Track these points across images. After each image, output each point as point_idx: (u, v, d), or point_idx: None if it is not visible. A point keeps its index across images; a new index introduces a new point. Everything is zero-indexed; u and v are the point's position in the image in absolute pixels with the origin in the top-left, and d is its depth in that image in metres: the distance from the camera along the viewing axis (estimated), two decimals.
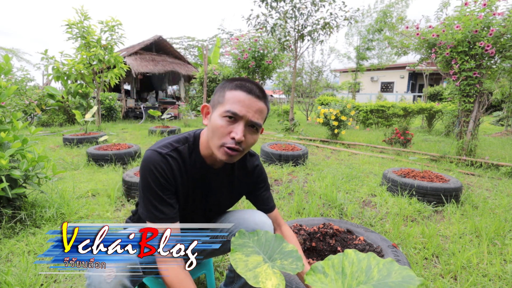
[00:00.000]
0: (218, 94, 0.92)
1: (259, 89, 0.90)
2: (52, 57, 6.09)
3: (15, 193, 1.97)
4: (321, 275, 0.76)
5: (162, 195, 0.91)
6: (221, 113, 0.87)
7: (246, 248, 0.86)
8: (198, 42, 19.70)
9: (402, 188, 2.70)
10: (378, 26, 11.46)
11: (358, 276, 0.72)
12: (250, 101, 0.87)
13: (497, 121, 10.81)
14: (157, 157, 0.91)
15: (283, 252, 0.88)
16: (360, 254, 0.77)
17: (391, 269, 0.70)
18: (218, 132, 0.87)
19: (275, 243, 0.90)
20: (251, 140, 0.91)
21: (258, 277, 0.76)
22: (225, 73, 8.66)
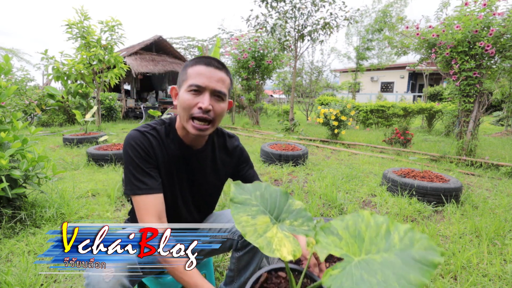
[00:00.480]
0: (181, 74, 0.97)
1: (217, 61, 0.96)
2: (52, 57, 6.09)
3: (15, 193, 1.97)
4: (335, 238, 0.67)
5: (143, 167, 0.94)
6: (186, 88, 0.93)
7: (249, 206, 0.76)
8: (198, 42, 19.69)
9: (402, 188, 2.70)
10: (378, 26, 11.46)
11: (377, 242, 0.64)
12: (211, 72, 0.93)
13: (497, 121, 10.81)
14: (137, 134, 0.97)
15: (291, 211, 0.79)
16: (378, 217, 0.68)
17: (413, 238, 0.61)
18: (185, 105, 0.92)
19: (281, 199, 0.81)
20: (218, 108, 0.95)
21: (271, 244, 0.68)
22: None
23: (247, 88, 8.39)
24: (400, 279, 0.55)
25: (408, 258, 0.58)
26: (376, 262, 0.60)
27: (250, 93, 8.26)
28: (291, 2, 7.02)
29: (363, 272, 0.59)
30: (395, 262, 0.58)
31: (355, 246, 0.66)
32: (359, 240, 0.66)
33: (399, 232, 0.64)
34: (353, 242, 0.66)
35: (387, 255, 0.61)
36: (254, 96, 8.34)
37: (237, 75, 8.43)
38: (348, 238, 0.67)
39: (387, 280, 0.56)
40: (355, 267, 0.61)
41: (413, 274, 0.55)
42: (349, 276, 0.59)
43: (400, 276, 0.55)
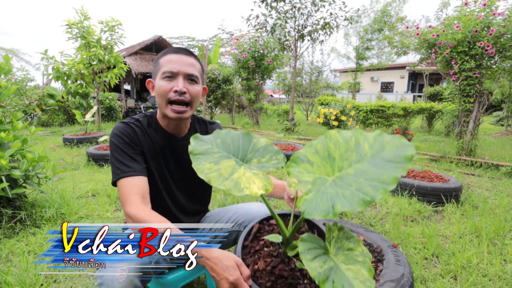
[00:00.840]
0: (155, 66, 1.04)
1: (185, 49, 1.03)
2: (52, 57, 6.09)
3: (15, 193, 1.97)
4: (306, 165, 0.66)
5: (127, 152, 0.98)
6: (160, 77, 0.99)
7: (211, 155, 0.73)
8: (198, 42, 19.69)
9: (402, 188, 2.70)
10: (378, 26, 11.45)
11: (348, 157, 0.62)
12: (180, 58, 0.99)
13: (497, 121, 10.81)
14: (121, 125, 1.03)
15: (257, 150, 0.77)
16: (345, 133, 0.66)
17: (383, 142, 0.60)
18: (162, 91, 0.98)
19: (244, 141, 0.78)
20: (193, 90, 1.00)
21: (239, 184, 0.65)
22: (225, 73, 8.66)
23: (247, 88, 8.39)
24: (373, 182, 0.54)
25: (379, 161, 0.57)
26: (350, 175, 0.59)
27: (250, 93, 8.26)
28: (291, 2, 7.02)
29: (338, 188, 0.58)
30: (368, 169, 0.58)
31: (327, 167, 0.64)
32: (330, 160, 0.65)
33: (369, 140, 0.62)
34: (325, 164, 0.65)
35: (359, 166, 0.60)
36: (254, 96, 8.34)
37: (237, 75, 8.44)
38: (320, 162, 0.65)
39: (361, 187, 0.55)
40: (329, 186, 0.60)
41: (386, 173, 0.54)
42: (324, 196, 0.58)
43: (373, 179, 0.55)
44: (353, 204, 0.53)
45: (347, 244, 0.67)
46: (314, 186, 0.61)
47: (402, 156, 0.55)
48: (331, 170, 0.64)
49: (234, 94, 9.42)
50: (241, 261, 0.75)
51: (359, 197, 0.54)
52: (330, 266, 0.61)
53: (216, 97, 8.66)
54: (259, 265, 0.76)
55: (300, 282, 0.75)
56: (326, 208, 0.55)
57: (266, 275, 0.76)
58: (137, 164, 0.97)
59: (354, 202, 0.54)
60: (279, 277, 0.75)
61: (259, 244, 0.84)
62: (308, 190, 0.61)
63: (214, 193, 2.77)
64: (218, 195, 2.70)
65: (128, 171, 0.94)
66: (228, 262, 0.73)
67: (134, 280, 0.79)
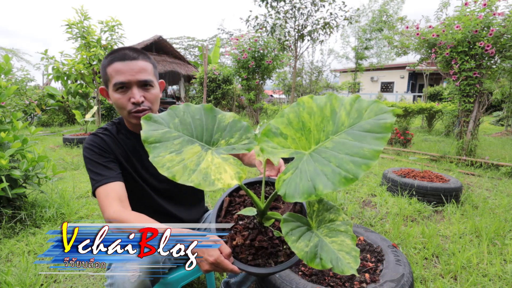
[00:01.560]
0: (103, 74, 0.98)
1: (132, 50, 0.96)
2: (52, 57, 6.09)
3: (15, 193, 1.97)
4: (280, 139, 0.60)
5: (99, 161, 0.97)
6: (112, 89, 0.95)
7: (170, 141, 0.61)
8: (198, 42, 19.69)
9: (402, 188, 2.70)
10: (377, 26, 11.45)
11: (324, 127, 0.58)
12: (128, 65, 0.93)
13: (497, 121, 10.80)
14: (90, 137, 1.02)
15: (224, 128, 0.67)
16: (319, 99, 0.61)
17: (360, 108, 0.55)
18: (119, 104, 0.95)
19: (207, 118, 0.67)
20: (151, 96, 0.97)
21: (209, 175, 0.57)
22: (225, 73, 8.65)
23: (247, 88, 8.38)
24: (354, 157, 0.51)
25: (359, 132, 0.54)
26: (328, 149, 0.55)
27: (250, 93, 8.26)
28: (291, 2, 7.02)
29: (317, 164, 0.54)
30: (347, 142, 0.54)
31: (302, 140, 0.59)
32: (305, 132, 0.60)
33: (346, 107, 0.57)
34: (299, 137, 0.60)
35: (337, 138, 0.56)
36: (254, 96, 8.34)
37: (237, 75, 8.43)
38: (294, 134, 0.60)
39: (341, 164, 0.52)
40: (307, 163, 0.55)
41: (366, 146, 0.51)
42: (303, 175, 0.54)
43: (354, 153, 0.52)
44: (335, 183, 0.50)
45: (328, 216, 0.66)
46: (291, 164, 0.57)
47: (381, 125, 0.52)
48: (307, 143, 0.59)
49: (234, 94, 9.42)
50: (221, 240, 0.72)
51: (341, 175, 0.51)
52: (315, 242, 0.60)
53: (216, 97, 8.66)
54: (237, 240, 0.75)
55: (280, 249, 0.75)
56: (307, 189, 0.52)
57: (246, 249, 0.75)
58: (110, 171, 0.96)
59: (336, 181, 0.50)
60: (259, 248, 0.75)
61: (233, 219, 0.82)
62: (285, 169, 0.57)
63: (214, 192, 2.77)
64: (218, 195, 2.70)
65: (102, 179, 0.94)
66: (205, 243, 0.72)
67: (145, 280, 0.79)
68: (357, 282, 1.04)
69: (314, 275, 1.10)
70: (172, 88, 15.47)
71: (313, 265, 0.56)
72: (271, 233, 0.79)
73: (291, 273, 1.06)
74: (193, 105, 0.68)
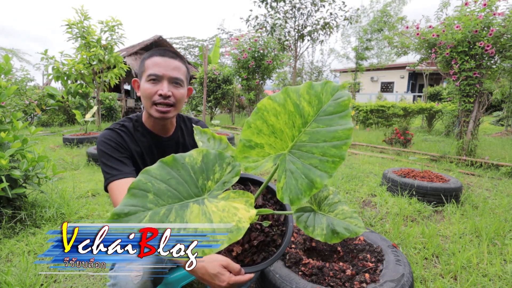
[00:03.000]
0: (140, 66, 1.04)
1: (172, 51, 1.03)
2: (52, 57, 6.09)
3: (15, 193, 1.97)
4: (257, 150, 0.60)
5: (115, 156, 0.98)
6: (145, 79, 0.99)
7: (167, 221, 0.55)
8: (198, 42, 19.69)
9: (402, 188, 2.70)
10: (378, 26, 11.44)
11: (293, 122, 0.60)
12: (166, 61, 0.99)
13: (497, 121, 10.80)
14: (107, 131, 1.04)
15: (200, 169, 0.59)
16: (277, 96, 0.61)
17: (317, 94, 0.58)
18: (147, 93, 0.99)
19: (178, 171, 0.58)
20: (178, 94, 1.01)
21: (229, 225, 0.53)
22: (225, 73, 8.66)
23: (247, 88, 8.38)
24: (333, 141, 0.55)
25: (325, 117, 0.57)
26: (305, 142, 0.59)
27: (250, 93, 8.26)
28: (291, 2, 7.02)
29: (302, 160, 0.58)
30: (319, 130, 0.58)
31: (278, 142, 0.61)
32: (278, 134, 0.61)
33: (304, 97, 0.60)
34: (275, 140, 0.61)
35: (309, 129, 0.59)
36: (254, 96, 8.34)
37: (237, 75, 8.43)
38: (268, 140, 0.60)
39: (325, 151, 0.56)
40: (292, 161, 0.58)
41: (339, 128, 0.55)
42: (296, 174, 0.57)
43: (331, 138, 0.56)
44: (327, 171, 0.55)
45: (322, 195, 0.75)
46: (279, 170, 0.59)
47: (341, 104, 0.56)
48: (284, 143, 0.60)
49: (234, 94, 9.42)
50: (227, 260, 0.71)
51: (328, 161, 0.55)
52: (327, 223, 0.68)
53: (216, 97, 8.66)
54: (236, 250, 0.79)
55: (273, 233, 0.82)
56: (306, 185, 0.55)
57: (247, 252, 0.79)
58: (126, 167, 0.97)
59: (327, 168, 0.55)
60: (259, 244, 0.79)
61: None
62: (278, 177, 0.59)
63: None
64: None
65: (117, 174, 0.94)
66: (213, 270, 0.68)
67: (148, 281, 0.79)
68: (357, 282, 1.04)
69: (314, 275, 1.10)
70: None
71: (334, 241, 0.65)
72: (259, 226, 0.82)
73: (291, 273, 1.06)
74: (152, 169, 0.57)
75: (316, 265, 1.14)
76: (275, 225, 0.84)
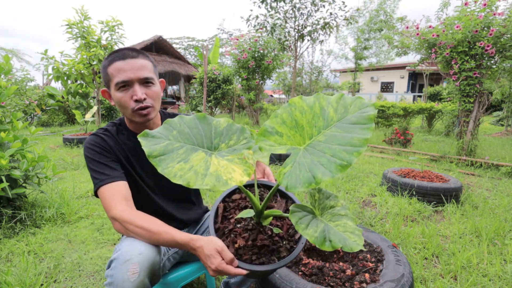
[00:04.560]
0: (104, 75, 1.00)
1: (131, 50, 0.98)
2: (52, 57, 6.09)
3: (15, 193, 1.97)
4: (276, 137, 0.65)
5: (101, 161, 0.97)
6: (114, 88, 0.96)
7: (175, 152, 0.64)
8: (198, 42, 19.68)
9: (402, 188, 2.70)
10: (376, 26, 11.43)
11: (315, 123, 0.64)
12: (129, 64, 0.94)
13: (497, 121, 10.80)
14: (91, 137, 1.02)
15: (221, 132, 0.71)
16: (308, 99, 0.67)
17: (345, 104, 0.62)
18: (122, 103, 0.96)
19: (203, 126, 0.72)
20: (152, 93, 0.98)
21: (220, 177, 0.61)
22: (225, 73, 8.66)
23: (247, 88, 8.38)
24: (346, 146, 0.57)
25: (347, 125, 0.60)
26: (321, 142, 0.61)
27: (250, 93, 8.26)
28: (291, 2, 7.02)
29: (313, 156, 0.60)
30: (337, 134, 0.60)
31: (297, 136, 0.65)
32: (299, 129, 0.65)
33: (332, 105, 0.65)
34: (294, 133, 0.65)
35: (328, 131, 0.62)
36: (254, 96, 8.34)
37: (237, 75, 8.43)
38: (289, 132, 0.66)
39: (335, 153, 0.58)
40: (303, 156, 0.61)
41: (356, 136, 0.58)
42: (302, 167, 0.59)
43: (346, 143, 0.58)
44: (332, 171, 0.56)
45: (328, 203, 0.73)
46: (289, 158, 0.62)
47: (366, 118, 0.59)
48: (302, 139, 0.64)
49: (234, 94, 9.41)
50: (222, 246, 0.74)
51: (336, 163, 0.57)
52: (322, 228, 0.65)
53: (216, 97, 8.66)
54: (239, 242, 0.78)
55: (280, 245, 0.79)
56: (307, 178, 0.57)
57: (248, 249, 0.78)
58: (114, 171, 0.96)
59: (333, 168, 0.56)
60: (261, 247, 0.78)
61: (230, 223, 0.84)
62: (285, 163, 0.62)
63: (214, 193, 2.77)
64: (218, 195, 2.70)
65: (105, 178, 0.93)
66: (208, 251, 0.73)
67: (145, 280, 0.78)
68: (357, 282, 1.04)
69: (314, 275, 1.10)
70: (172, 88, 15.47)
71: (324, 248, 0.61)
72: (270, 231, 0.81)
73: (291, 273, 1.06)
74: (186, 117, 0.73)
75: (316, 265, 1.14)
76: (286, 238, 0.82)
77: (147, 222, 0.84)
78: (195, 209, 1.25)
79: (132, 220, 0.84)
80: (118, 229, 0.87)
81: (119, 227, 0.86)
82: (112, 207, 0.87)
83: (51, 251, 1.75)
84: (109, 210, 0.88)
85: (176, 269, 1.16)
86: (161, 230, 0.81)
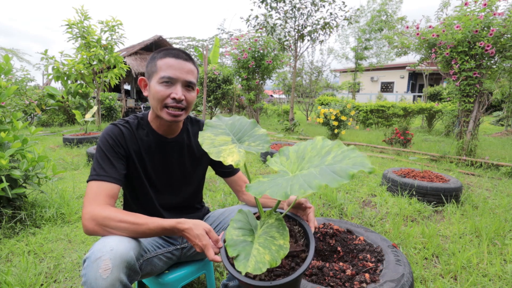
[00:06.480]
0: (151, 65, 1.00)
1: (184, 53, 1.01)
2: (52, 57, 6.09)
3: (15, 193, 1.97)
4: (283, 158, 0.76)
5: (108, 155, 0.97)
6: (157, 80, 0.97)
7: (217, 129, 0.87)
8: (198, 42, 19.68)
9: (402, 188, 2.70)
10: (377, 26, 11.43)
11: (313, 161, 0.70)
12: (180, 64, 0.98)
13: (497, 121, 10.81)
14: (110, 126, 1.03)
15: (253, 135, 0.87)
16: (327, 141, 0.74)
17: (347, 156, 0.65)
18: (159, 96, 0.97)
19: (248, 127, 0.89)
20: (190, 97, 1.01)
21: (221, 152, 0.76)
22: (225, 73, 8.65)
23: (247, 88, 8.38)
24: (304, 184, 0.60)
25: (327, 170, 0.63)
26: (302, 175, 0.65)
27: (250, 93, 8.26)
28: (291, 2, 7.02)
29: (290, 182, 0.64)
30: (313, 173, 0.63)
31: (295, 164, 0.72)
32: (301, 159, 0.72)
33: (337, 152, 0.68)
34: (295, 161, 0.73)
35: (313, 169, 0.65)
36: (254, 96, 8.33)
37: (237, 75, 8.43)
38: (294, 159, 0.74)
39: (294, 184, 0.61)
40: (284, 180, 0.65)
41: (317, 180, 0.59)
42: (273, 184, 0.64)
43: (307, 181, 0.60)
44: (294, 192, 0.60)
45: (274, 233, 0.73)
46: (273, 175, 0.69)
47: (346, 173, 0.60)
48: (297, 168, 0.70)
49: (234, 94, 9.41)
50: (210, 228, 0.84)
51: (303, 187, 0.60)
52: (246, 239, 0.70)
53: (216, 97, 8.66)
54: None
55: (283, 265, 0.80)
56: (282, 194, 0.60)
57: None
58: (114, 170, 0.95)
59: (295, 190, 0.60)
60: None
61: None
62: (266, 175, 0.69)
63: (214, 193, 2.77)
64: (218, 195, 2.70)
65: (103, 174, 0.93)
66: (198, 230, 0.82)
67: (121, 276, 0.76)
68: (357, 282, 1.04)
69: (314, 275, 1.10)
70: None
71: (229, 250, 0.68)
72: None
73: None
74: (245, 118, 0.92)
75: (316, 265, 1.14)
76: (291, 255, 0.77)
77: (131, 216, 0.85)
78: (195, 215, 1.23)
79: (114, 216, 0.83)
80: (93, 229, 0.84)
81: (94, 226, 0.83)
82: (91, 204, 0.86)
83: (51, 251, 1.75)
84: (88, 205, 0.87)
85: (176, 269, 1.16)
86: (148, 220, 0.84)
